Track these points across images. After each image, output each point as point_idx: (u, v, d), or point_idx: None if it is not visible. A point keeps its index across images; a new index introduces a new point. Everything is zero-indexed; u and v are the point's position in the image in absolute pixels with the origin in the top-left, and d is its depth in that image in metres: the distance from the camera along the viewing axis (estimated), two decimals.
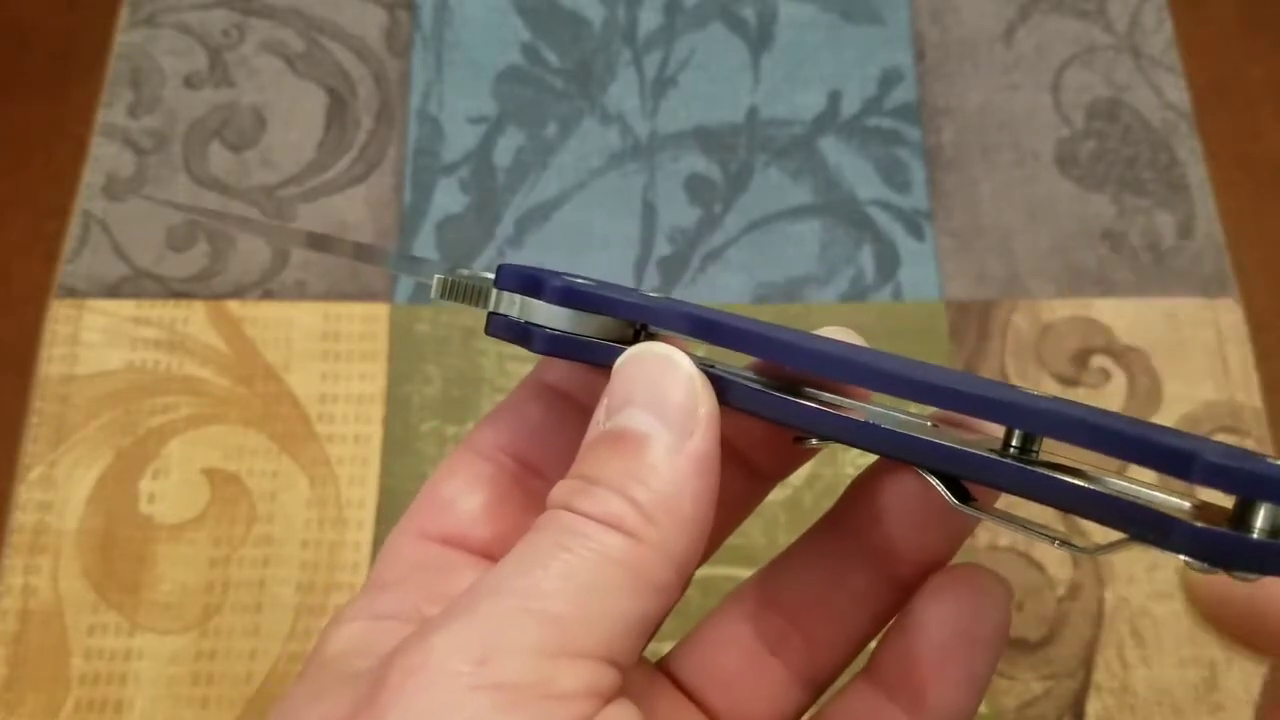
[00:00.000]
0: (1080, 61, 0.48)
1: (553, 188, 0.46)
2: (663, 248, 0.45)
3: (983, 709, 0.38)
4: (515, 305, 0.22)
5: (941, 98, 0.48)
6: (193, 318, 0.43)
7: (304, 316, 0.43)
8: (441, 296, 0.23)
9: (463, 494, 0.23)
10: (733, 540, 0.40)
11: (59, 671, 0.38)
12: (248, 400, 0.42)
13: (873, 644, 0.23)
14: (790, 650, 0.23)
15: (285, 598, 0.39)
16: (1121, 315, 0.44)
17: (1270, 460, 0.17)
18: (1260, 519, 0.16)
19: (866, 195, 0.46)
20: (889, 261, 0.45)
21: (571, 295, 0.22)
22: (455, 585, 0.21)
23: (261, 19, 0.49)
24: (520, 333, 0.22)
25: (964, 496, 0.20)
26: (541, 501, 0.20)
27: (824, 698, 0.24)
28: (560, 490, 0.20)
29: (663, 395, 0.20)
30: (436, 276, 0.23)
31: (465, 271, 0.23)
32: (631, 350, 0.21)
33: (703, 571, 0.39)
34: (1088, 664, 0.38)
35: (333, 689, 0.19)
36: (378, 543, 0.40)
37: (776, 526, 0.40)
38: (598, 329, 0.22)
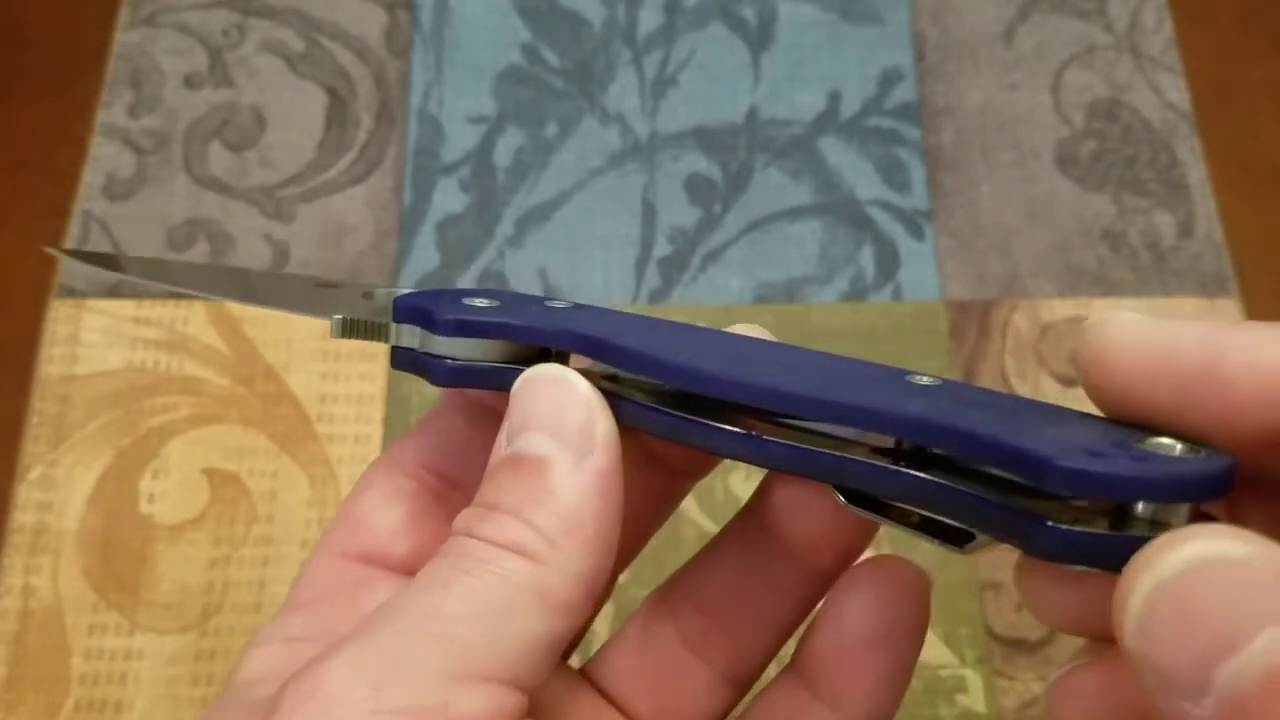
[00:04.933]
0: (1080, 61, 0.48)
1: (553, 188, 0.46)
2: (663, 248, 0.45)
3: (982, 709, 0.38)
4: (416, 337, 0.21)
5: (941, 98, 0.48)
6: (192, 318, 0.43)
7: (304, 316, 0.43)
8: (341, 335, 0.22)
9: (379, 510, 0.23)
10: None
11: (59, 671, 0.38)
12: (248, 400, 0.42)
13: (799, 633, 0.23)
14: (713, 649, 0.23)
15: (285, 598, 0.39)
16: None
17: (1129, 454, 0.17)
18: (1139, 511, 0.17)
19: (866, 195, 0.46)
20: (889, 261, 0.45)
21: (462, 327, 0.21)
22: (373, 602, 0.21)
23: (261, 19, 0.49)
24: (420, 366, 0.21)
25: (864, 499, 0.20)
26: None
27: (750, 694, 0.23)
28: (463, 518, 0.19)
29: (560, 417, 0.19)
30: (335, 317, 0.22)
31: (384, 290, 0.22)
32: (527, 373, 0.20)
33: None
34: None
35: (234, 716, 0.19)
36: None
37: None
38: (502, 352, 0.21)
